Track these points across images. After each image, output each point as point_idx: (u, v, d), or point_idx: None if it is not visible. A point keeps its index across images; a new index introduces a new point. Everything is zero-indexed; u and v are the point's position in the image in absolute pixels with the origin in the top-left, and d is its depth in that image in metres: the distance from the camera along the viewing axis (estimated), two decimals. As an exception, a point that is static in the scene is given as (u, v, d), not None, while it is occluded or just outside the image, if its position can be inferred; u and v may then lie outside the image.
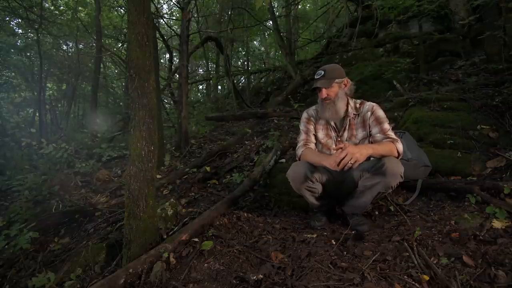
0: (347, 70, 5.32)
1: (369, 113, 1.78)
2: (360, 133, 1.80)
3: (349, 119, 1.82)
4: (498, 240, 1.33)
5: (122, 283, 1.35)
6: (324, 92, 1.76)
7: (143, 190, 1.61)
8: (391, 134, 1.71)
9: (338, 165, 1.50)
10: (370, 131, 1.78)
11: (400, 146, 1.66)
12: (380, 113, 1.77)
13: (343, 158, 1.49)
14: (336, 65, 1.84)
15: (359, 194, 1.72)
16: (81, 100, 12.94)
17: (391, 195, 2.01)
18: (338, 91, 1.77)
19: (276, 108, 5.12)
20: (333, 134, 1.88)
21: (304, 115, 1.99)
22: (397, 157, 1.65)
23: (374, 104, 1.81)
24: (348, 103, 1.82)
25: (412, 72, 4.34)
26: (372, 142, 1.75)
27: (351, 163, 1.48)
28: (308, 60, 8.14)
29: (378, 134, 1.73)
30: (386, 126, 1.73)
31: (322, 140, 1.92)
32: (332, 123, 1.87)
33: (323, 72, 1.77)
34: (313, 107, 1.98)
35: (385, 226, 1.73)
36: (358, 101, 1.86)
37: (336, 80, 1.76)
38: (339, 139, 1.85)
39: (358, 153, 1.49)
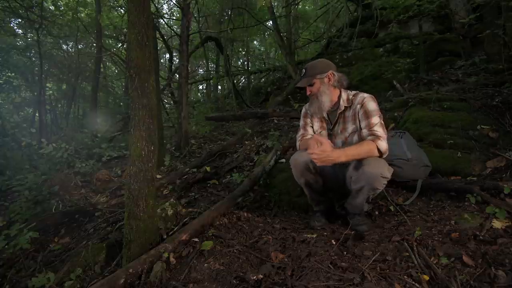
0: (347, 70, 5.32)
1: (359, 106, 1.72)
2: (350, 127, 1.77)
3: (340, 112, 1.79)
4: (498, 240, 1.33)
5: (122, 283, 1.35)
6: (307, 90, 1.80)
7: (143, 190, 1.61)
8: (377, 130, 1.63)
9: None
10: (360, 125, 1.73)
11: (382, 144, 1.60)
12: (370, 106, 1.68)
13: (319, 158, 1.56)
14: (318, 60, 1.84)
15: (354, 195, 1.73)
16: (81, 100, 12.93)
17: (391, 195, 2.02)
18: (320, 87, 1.76)
19: (276, 108, 5.13)
20: (325, 126, 1.88)
21: (303, 110, 2.01)
22: (381, 156, 1.61)
23: (366, 96, 1.73)
24: (340, 95, 1.79)
25: (412, 72, 4.34)
26: (360, 137, 1.72)
27: (318, 157, 1.54)
28: (308, 60, 8.13)
29: (364, 130, 1.68)
30: (374, 120, 1.65)
31: (317, 132, 1.94)
32: (325, 116, 1.86)
33: (304, 71, 1.79)
34: None
35: (385, 226, 1.73)
36: (352, 92, 1.80)
37: (317, 76, 1.76)
38: (331, 132, 1.84)
39: (324, 158, 1.53)
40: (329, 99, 1.78)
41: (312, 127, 1.97)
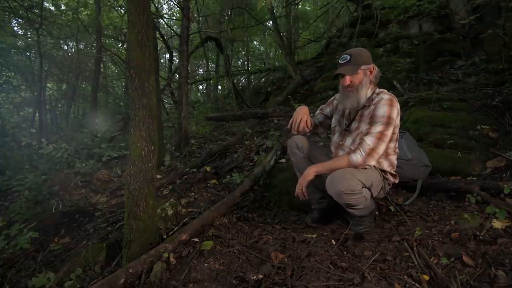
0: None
1: (373, 106, 1.61)
2: (363, 127, 1.64)
3: (359, 110, 1.69)
4: (498, 240, 1.33)
5: (122, 283, 1.35)
6: (347, 79, 1.62)
7: (143, 190, 1.61)
8: (367, 139, 1.56)
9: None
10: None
11: (354, 158, 1.55)
12: (380, 111, 1.56)
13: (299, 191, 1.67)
14: (363, 49, 1.69)
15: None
16: (81, 100, 12.93)
17: (391, 195, 2.02)
18: (363, 79, 1.62)
19: (276, 108, 5.12)
20: (343, 121, 1.81)
21: (334, 96, 1.97)
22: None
23: (385, 97, 1.59)
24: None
25: (412, 72, 4.34)
26: None
27: (299, 190, 1.67)
28: (308, 60, 8.13)
29: (359, 136, 1.64)
30: (374, 128, 1.55)
31: (332, 125, 1.90)
32: (347, 111, 1.77)
33: (348, 57, 1.61)
34: None
35: (385, 226, 1.73)
36: (378, 90, 1.67)
37: (362, 67, 1.61)
38: (346, 128, 1.78)
39: (300, 180, 1.65)
40: (366, 93, 1.65)
41: (327, 116, 1.97)
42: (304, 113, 1.80)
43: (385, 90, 1.68)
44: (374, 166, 1.65)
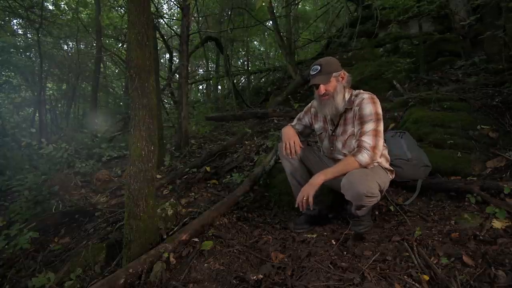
0: (347, 70, 5.32)
1: (357, 108, 1.65)
2: (349, 129, 1.71)
3: (341, 114, 1.74)
4: (498, 240, 1.33)
5: (122, 283, 1.35)
6: (322, 88, 1.68)
7: (143, 190, 1.62)
8: (365, 139, 1.57)
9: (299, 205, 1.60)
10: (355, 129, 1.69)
11: (362, 158, 1.55)
12: (366, 110, 1.61)
13: (302, 200, 1.57)
14: (331, 58, 1.77)
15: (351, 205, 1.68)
16: (81, 100, 12.92)
17: (391, 195, 2.02)
18: (336, 86, 1.69)
19: (276, 108, 5.12)
20: (328, 128, 1.85)
21: (309, 105, 1.99)
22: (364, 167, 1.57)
23: (365, 96, 1.65)
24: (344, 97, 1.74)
25: (412, 72, 4.34)
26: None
27: (304, 199, 1.55)
28: (308, 60, 8.13)
29: (356, 137, 1.64)
30: (366, 127, 1.59)
31: (318, 133, 1.93)
32: (328, 117, 1.82)
33: (319, 68, 1.68)
34: None
35: (385, 226, 1.73)
36: (355, 92, 1.73)
37: (334, 74, 1.68)
38: (333, 134, 1.81)
39: (307, 188, 1.57)
40: (342, 98, 1.70)
41: (306, 125, 1.99)
42: (294, 135, 1.84)
43: (362, 90, 1.73)
44: (380, 166, 1.67)
